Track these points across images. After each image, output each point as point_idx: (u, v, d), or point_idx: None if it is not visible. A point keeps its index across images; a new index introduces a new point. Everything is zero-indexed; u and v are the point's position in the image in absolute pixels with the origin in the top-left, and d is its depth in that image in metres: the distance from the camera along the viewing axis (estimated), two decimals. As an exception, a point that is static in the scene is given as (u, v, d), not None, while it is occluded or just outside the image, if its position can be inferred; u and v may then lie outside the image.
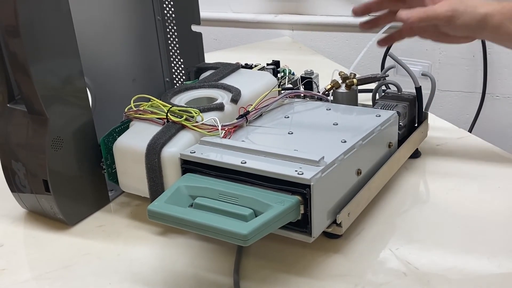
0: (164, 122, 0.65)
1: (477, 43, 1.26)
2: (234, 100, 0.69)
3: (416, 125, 0.78)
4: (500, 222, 0.64)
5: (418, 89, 0.76)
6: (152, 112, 0.66)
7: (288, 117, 0.71)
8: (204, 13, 0.82)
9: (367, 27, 0.72)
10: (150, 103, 0.68)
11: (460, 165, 0.76)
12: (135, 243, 0.65)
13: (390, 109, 0.72)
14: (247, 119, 0.68)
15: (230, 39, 1.51)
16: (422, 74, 0.79)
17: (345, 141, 0.62)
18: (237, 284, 0.56)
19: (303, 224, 0.55)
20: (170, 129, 0.63)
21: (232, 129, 0.66)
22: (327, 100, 0.78)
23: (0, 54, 0.62)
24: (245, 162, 0.57)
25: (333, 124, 0.68)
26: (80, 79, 0.65)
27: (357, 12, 0.71)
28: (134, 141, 0.64)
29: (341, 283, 0.56)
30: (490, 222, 0.64)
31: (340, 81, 0.78)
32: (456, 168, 0.76)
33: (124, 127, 0.68)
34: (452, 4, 0.61)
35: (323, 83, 0.82)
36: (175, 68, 0.84)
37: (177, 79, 0.85)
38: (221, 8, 1.49)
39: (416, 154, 0.78)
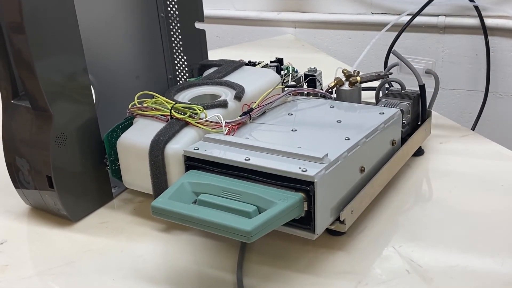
0: (168, 119, 0.65)
1: (481, 42, 1.26)
2: (238, 97, 0.69)
3: (419, 123, 0.78)
4: (504, 220, 0.64)
5: (422, 87, 0.76)
6: (156, 109, 0.66)
7: (291, 114, 0.71)
8: (207, 11, 0.82)
9: None
10: (153, 100, 0.68)
11: (463, 163, 0.76)
12: (138, 240, 0.65)
13: (393, 107, 0.72)
14: (250, 116, 0.68)
15: (233, 37, 1.51)
16: (426, 72, 0.79)
17: (348, 139, 0.62)
18: (241, 281, 0.56)
19: (306, 221, 0.55)
20: (174, 126, 0.63)
21: (235, 126, 0.66)
22: (331, 98, 0.78)
23: (5, 51, 0.63)
24: (249, 159, 0.57)
25: (337, 122, 0.68)
26: (84, 75, 0.65)
27: None
28: (137, 137, 0.64)
29: (344, 280, 0.56)
30: (494, 220, 0.64)
31: (343, 79, 0.78)
32: (459, 166, 0.76)
33: (127, 123, 0.68)
34: None
35: (327, 81, 0.82)
36: (179, 65, 0.84)
37: (180, 76, 0.85)
38: (224, 6, 1.48)
39: (419, 152, 0.78)
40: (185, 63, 0.83)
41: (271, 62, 0.88)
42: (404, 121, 0.72)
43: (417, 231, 0.63)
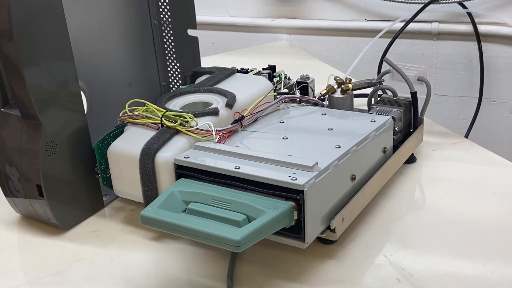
0: (159, 127, 0.65)
1: (474, 48, 1.26)
2: (229, 105, 0.69)
3: (411, 130, 0.78)
4: (495, 228, 0.64)
5: (414, 94, 0.76)
6: (147, 117, 0.66)
7: (283, 122, 0.71)
8: (201, 17, 0.82)
9: None
10: (145, 107, 0.68)
11: (455, 170, 0.76)
12: (129, 248, 0.64)
13: (385, 114, 0.72)
14: (242, 124, 0.68)
15: (227, 43, 1.51)
16: (418, 79, 0.79)
17: (339, 147, 0.62)
18: (231, 290, 0.56)
19: (297, 230, 0.55)
20: (165, 134, 0.63)
21: (226, 134, 0.66)
22: (323, 105, 0.78)
23: (-6, 59, 0.62)
24: (239, 168, 0.57)
25: (328, 129, 0.67)
26: (74, 83, 0.65)
27: None
28: (128, 146, 0.64)
29: (335, 289, 0.56)
30: (485, 228, 0.64)
31: (335, 86, 0.78)
32: (451, 173, 0.75)
33: (118, 131, 0.68)
34: None
35: (319, 88, 0.82)
36: (171, 72, 0.84)
37: (173, 83, 0.85)
38: (218, 12, 1.49)
39: (411, 159, 0.78)
40: (178, 70, 0.83)
41: (263, 69, 0.88)
42: (396, 129, 0.72)
43: (408, 239, 0.63)
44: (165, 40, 0.82)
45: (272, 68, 0.88)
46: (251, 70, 0.86)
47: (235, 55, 1.39)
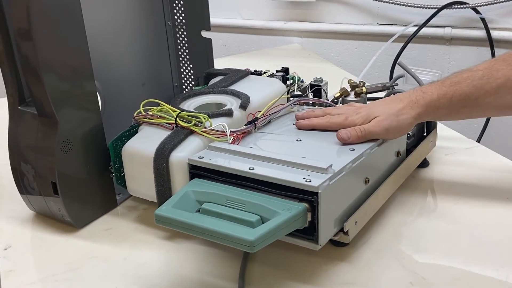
0: (173, 127, 0.65)
1: (487, 53, 1.26)
2: (243, 107, 0.69)
3: (424, 134, 0.78)
4: (508, 233, 0.64)
5: (427, 99, 0.76)
6: (161, 117, 0.66)
7: (296, 124, 0.71)
8: (213, 19, 0.82)
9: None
10: (159, 108, 0.68)
11: (468, 175, 0.76)
12: (142, 247, 0.65)
13: (398, 118, 0.72)
14: (255, 125, 0.68)
15: (239, 46, 1.52)
16: (431, 84, 0.79)
17: (353, 149, 0.62)
18: (243, 290, 0.56)
19: (310, 231, 0.55)
20: (179, 134, 0.64)
21: (240, 135, 0.66)
22: (336, 108, 0.78)
23: (12, 57, 0.63)
24: (253, 169, 0.57)
25: (342, 132, 0.68)
26: (90, 82, 0.65)
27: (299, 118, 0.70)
28: (142, 145, 0.65)
29: (347, 291, 0.56)
30: (498, 233, 0.64)
31: (349, 89, 0.78)
32: (464, 178, 0.75)
33: (133, 131, 0.68)
34: (385, 124, 0.64)
35: (332, 91, 0.82)
36: (185, 73, 0.84)
37: (186, 84, 0.85)
38: (231, 15, 1.49)
39: (424, 164, 0.78)
40: (191, 71, 0.84)
41: (277, 71, 0.88)
42: (409, 133, 0.72)
43: (421, 243, 0.63)
44: (178, 41, 0.83)
45: (285, 70, 0.88)
46: (265, 72, 0.86)
47: (247, 57, 1.40)
